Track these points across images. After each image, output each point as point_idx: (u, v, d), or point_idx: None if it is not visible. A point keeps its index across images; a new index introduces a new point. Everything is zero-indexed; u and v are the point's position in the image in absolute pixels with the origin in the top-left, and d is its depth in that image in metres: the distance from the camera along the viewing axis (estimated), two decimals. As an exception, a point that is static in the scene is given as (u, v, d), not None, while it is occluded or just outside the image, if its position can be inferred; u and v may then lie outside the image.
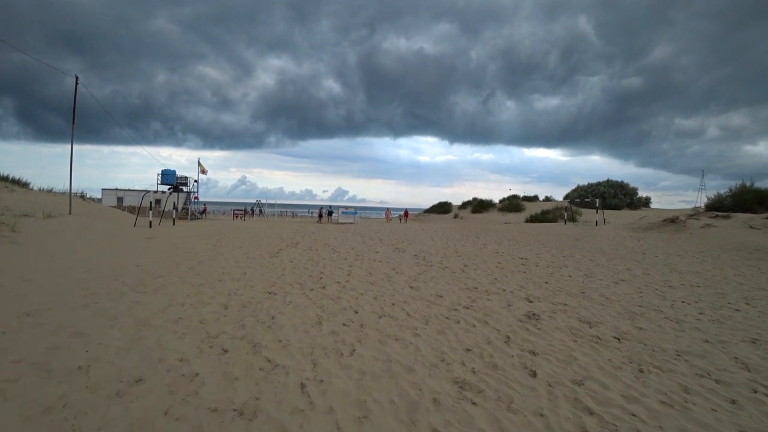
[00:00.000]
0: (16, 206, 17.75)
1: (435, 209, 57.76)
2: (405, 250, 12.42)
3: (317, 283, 7.28)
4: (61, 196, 25.14)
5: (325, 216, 36.84)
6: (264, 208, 44.98)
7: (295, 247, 12.24)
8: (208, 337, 4.28)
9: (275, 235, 16.31)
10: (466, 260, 10.88)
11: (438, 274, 8.63)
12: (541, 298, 6.79)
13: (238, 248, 11.64)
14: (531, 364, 4.00)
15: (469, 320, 5.36)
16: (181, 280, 7.00)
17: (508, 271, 9.35)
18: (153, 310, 5.14)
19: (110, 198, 34.85)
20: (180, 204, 34.67)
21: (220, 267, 8.46)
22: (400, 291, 6.91)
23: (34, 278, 6.71)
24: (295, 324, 4.80)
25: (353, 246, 13.19)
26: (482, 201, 53.11)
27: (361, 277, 7.93)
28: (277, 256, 10.25)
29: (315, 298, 6.18)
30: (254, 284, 6.92)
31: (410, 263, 9.97)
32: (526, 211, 46.65)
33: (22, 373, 3.37)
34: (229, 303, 5.63)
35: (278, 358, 3.81)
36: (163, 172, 35.56)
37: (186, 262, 8.92)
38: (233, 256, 10.11)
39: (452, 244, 14.60)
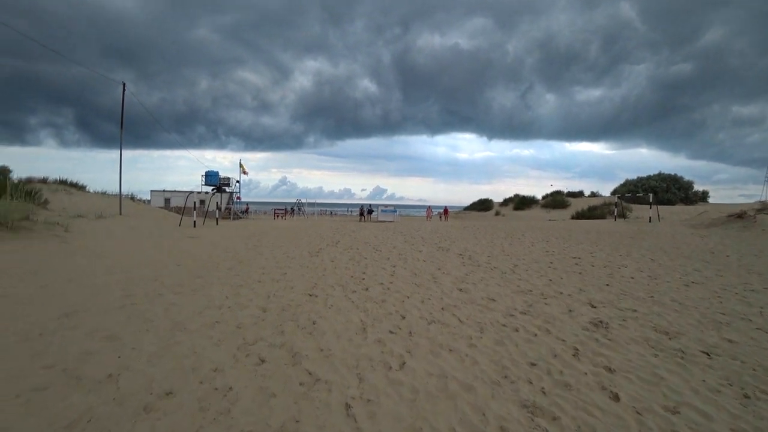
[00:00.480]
0: (72, 207, 18.53)
1: (475, 206, 56.44)
2: (449, 249, 11.85)
3: (360, 284, 6.88)
4: (114, 197, 26.24)
5: (366, 214, 36.67)
6: (304, 208, 45.49)
7: (335, 246, 11.94)
8: (245, 344, 3.94)
9: (315, 234, 16.15)
10: (515, 260, 10.18)
11: (487, 275, 8.03)
12: (605, 303, 6.07)
13: (278, 248, 11.46)
14: (609, 383, 3.39)
15: (529, 328, 4.78)
16: (220, 281, 6.79)
17: (563, 272, 8.61)
18: (189, 313, 4.89)
19: (158, 199, 36.18)
20: (223, 204, 35.52)
21: (259, 267, 8.24)
22: (448, 294, 6.38)
23: (78, 278, 6.69)
24: (337, 330, 4.40)
25: (395, 245, 12.75)
26: (524, 197, 51.34)
27: (406, 278, 7.47)
28: (317, 256, 9.96)
29: (358, 301, 5.76)
30: (294, 285, 6.60)
31: (456, 263, 9.40)
32: (571, 207, 44.68)
33: (51, 381, 3.14)
34: (268, 306, 5.31)
35: (320, 370, 3.40)
36: (206, 173, 36.58)
37: (226, 262, 8.77)
38: (273, 255, 9.91)
39: (498, 243, 13.87)
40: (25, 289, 5.81)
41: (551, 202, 47.37)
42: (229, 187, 37.91)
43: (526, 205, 49.62)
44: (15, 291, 5.65)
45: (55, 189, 23.60)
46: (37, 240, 9.90)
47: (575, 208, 42.40)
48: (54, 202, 19.77)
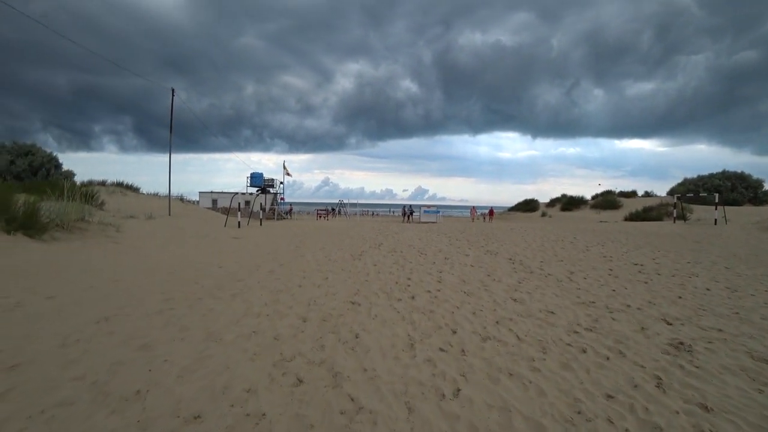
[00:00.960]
0: (126, 208, 19.30)
1: (520, 207, 54.65)
2: (497, 253, 11.19)
3: (405, 291, 6.44)
4: (164, 199, 27.25)
5: (408, 215, 36.22)
6: (346, 208, 45.64)
7: (378, 249, 11.57)
8: (282, 359, 3.59)
9: (357, 236, 15.88)
10: (570, 266, 9.40)
11: (542, 283, 7.37)
12: (683, 320, 5.29)
13: (320, 250, 11.24)
14: (710, 428, 2.77)
15: (599, 349, 4.15)
16: (260, 286, 6.56)
17: (625, 281, 7.79)
18: (226, 321, 4.63)
19: (206, 200, 37.36)
20: (267, 205, 36.16)
21: (300, 270, 7.98)
22: (501, 304, 5.82)
23: (123, 279, 6.67)
24: (382, 346, 3.97)
25: (440, 248, 12.22)
26: (572, 198, 49.05)
27: (454, 285, 6.95)
28: (360, 259, 9.62)
29: (404, 311, 5.32)
30: (336, 292, 6.26)
31: (506, 269, 8.77)
32: (623, 208, 42.17)
33: (78, 396, 2.92)
34: (308, 315, 4.98)
35: (363, 396, 2.99)
36: (251, 175, 37.38)
37: (267, 265, 8.60)
38: (315, 258, 9.66)
39: (549, 246, 13.01)
40: (72, 290, 5.81)
41: (601, 203, 44.96)
42: (273, 189, 38.64)
43: (574, 206, 47.42)
44: (63, 292, 5.64)
45: (112, 191, 24.85)
46: (90, 240, 10.16)
47: (628, 209, 39.99)
48: (110, 203, 20.68)
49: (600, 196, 47.81)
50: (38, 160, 28.28)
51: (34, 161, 28.16)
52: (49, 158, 29.02)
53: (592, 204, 46.36)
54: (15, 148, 27.45)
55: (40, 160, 28.34)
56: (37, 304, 5.07)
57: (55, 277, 6.51)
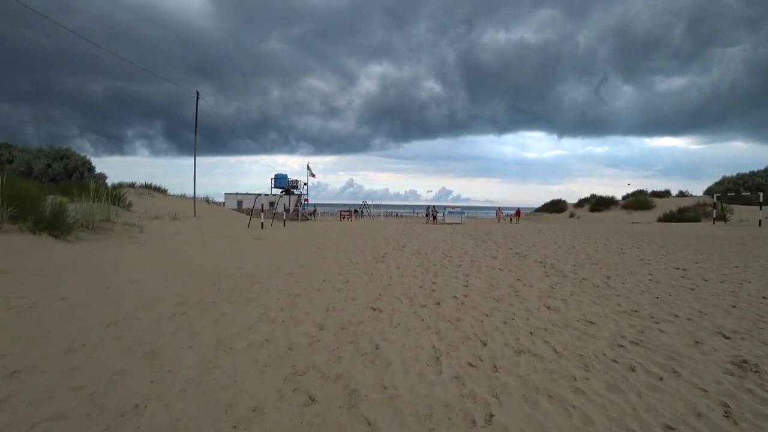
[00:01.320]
0: (153, 209, 19.57)
1: (547, 208, 53.26)
2: (526, 256, 10.64)
3: (430, 296, 6.03)
4: (191, 200, 27.63)
5: (432, 216, 35.70)
6: (370, 209, 45.38)
7: (402, 251, 11.19)
8: (294, 373, 3.27)
9: (380, 237, 15.54)
10: (606, 270, 8.79)
11: (577, 289, 6.84)
12: (742, 333, 4.70)
13: (342, 251, 10.94)
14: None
15: (649, 367, 3.66)
16: (278, 289, 6.29)
17: (668, 287, 7.17)
18: (239, 327, 4.36)
19: (231, 201, 37.82)
20: (291, 206, 36.31)
21: (321, 273, 7.69)
22: (534, 312, 5.35)
23: (140, 280, 6.53)
24: (405, 360, 3.59)
25: (466, 249, 11.74)
26: (602, 198, 47.40)
27: (482, 290, 6.51)
28: (382, 261, 9.26)
29: (429, 318, 4.92)
30: (357, 296, 5.91)
31: (537, 273, 8.24)
32: (656, 208, 40.44)
33: (73, 409, 2.67)
34: (326, 322, 4.64)
35: (382, 420, 2.61)
36: (275, 176, 37.59)
37: (287, 267, 8.35)
38: (336, 260, 9.36)
39: (581, 248, 12.34)
40: (88, 291, 5.69)
41: (633, 203, 43.25)
42: (297, 190, 38.77)
43: (603, 206, 45.85)
44: (78, 293, 5.52)
45: (141, 193, 25.32)
46: (113, 240, 10.17)
47: (661, 209, 38.27)
48: (138, 204, 21.03)
49: (631, 196, 46.11)
50: (72, 164, 29.22)
51: (69, 164, 29.10)
52: (82, 161, 29.97)
53: (622, 204, 44.74)
54: (51, 152, 28.45)
55: (74, 164, 29.28)
56: (52, 306, 4.95)
57: (74, 277, 6.43)
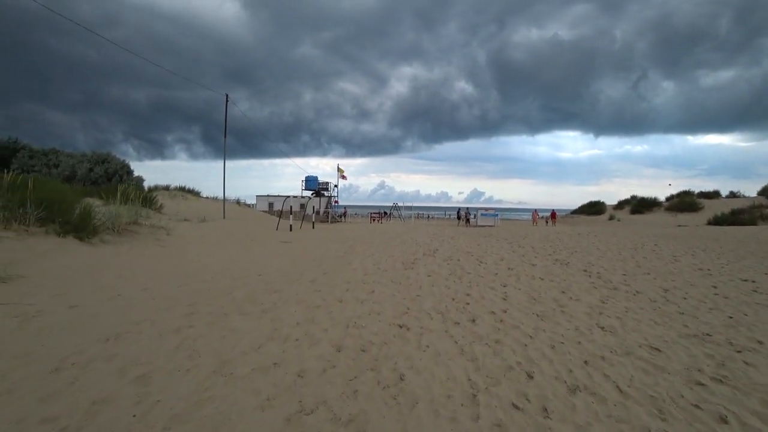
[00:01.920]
0: (185, 212, 19.69)
1: (584, 210, 51.02)
2: (569, 263, 9.75)
3: (463, 311, 5.34)
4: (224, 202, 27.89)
5: (464, 219, 34.71)
6: (401, 211, 44.69)
7: (433, 256, 10.51)
8: (300, 411, 2.70)
9: (411, 241, 14.90)
10: (662, 281, 7.84)
11: (632, 304, 6.00)
12: None
13: (370, 256, 10.38)
14: None
15: (744, 417, 2.86)
16: (297, 299, 5.77)
17: (740, 303, 6.20)
18: (246, 346, 3.84)
19: (263, 203, 38.05)
20: (322, 208, 36.18)
21: (345, 281, 7.14)
22: (586, 334, 4.59)
23: (154, 287, 6.18)
24: (434, 398, 2.94)
25: (501, 255, 10.94)
26: (644, 199, 44.88)
27: (523, 305, 5.77)
28: (412, 268, 8.62)
29: (463, 340, 4.25)
30: (382, 310, 5.30)
31: (584, 284, 7.41)
32: (704, 210, 37.93)
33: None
34: (345, 342, 4.06)
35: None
36: (306, 178, 37.59)
37: (310, 273, 7.86)
38: (362, 266, 8.80)
39: (628, 255, 11.30)
40: (98, 298, 5.36)
41: (678, 205, 40.72)
42: (328, 192, 38.65)
43: (645, 208, 43.43)
44: (87, 301, 5.20)
45: (174, 195, 25.68)
46: (138, 243, 10.00)
47: (710, 211, 35.82)
48: (170, 206, 21.24)
49: (676, 197, 43.52)
50: (113, 168, 30.21)
51: (109, 168, 30.10)
52: (121, 165, 30.95)
53: (666, 206, 42.26)
54: (93, 156, 29.51)
55: (114, 167, 30.26)
56: (57, 314, 4.62)
57: (89, 282, 6.15)
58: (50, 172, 27.28)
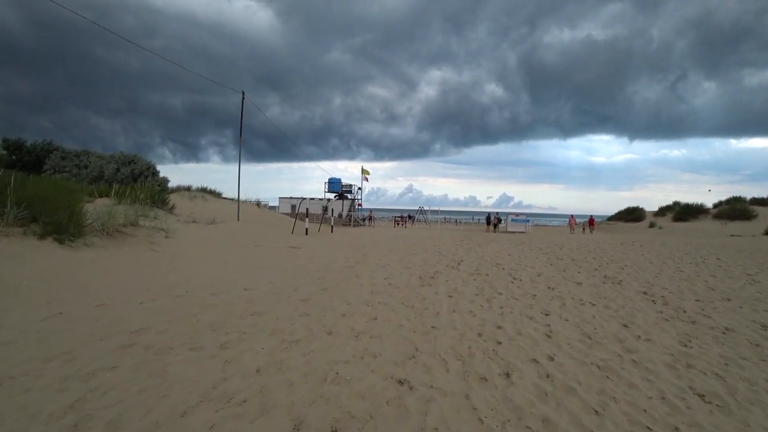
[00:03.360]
0: (199, 212, 18.92)
1: (622, 216, 47.99)
2: (621, 281, 8.09)
3: (493, 357, 3.84)
4: (244, 204, 27.15)
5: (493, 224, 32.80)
6: (427, 215, 42.93)
7: (456, 269, 9.04)
8: None
9: (433, 248, 13.43)
10: (751, 311, 6.13)
11: (728, 351, 4.39)
12: None
13: (383, 267, 9.01)
14: None
15: None
16: (273, 328, 4.48)
17: None
18: (164, 412, 2.56)
19: (285, 205, 37.24)
20: (345, 211, 35.08)
21: (344, 302, 5.80)
22: (682, 411, 3.02)
23: (111, 303, 5.02)
24: None
25: (538, 269, 9.33)
26: (688, 206, 41.44)
27: (575, 347, 4.24)
28: (430, 285, 7.19)
29: (492, 413, 2.78)
30: (380, 351, 3.90)
31: (648, 313, 5.80)
32: (759, 218, 34.68)
33: None
34: (309, 415, 2.65)
35: None
36: (329, 180, 36.55)
37: (306, 288, 6.58)
38: (371, 281, 7.44)
39: (691, 273, 9.50)
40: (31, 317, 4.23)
41: (728, 212, 37.30)
42: (351, 194, 37.52)
43: (690, 215, 40.08)
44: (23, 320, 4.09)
45: (194, 196, 25.05)
46: (127, 247, 9.00)
47: (766, 219, 32.71)
48: (187, 207, 20.55)
49: (725, 204, 39.99)
50: (138, 168, 30.18)
51: (135, 169, 30.08)
52: (147, 166, 30.90)
53: (714, 213, 38.92)
54: (121, 157, 29.56)
55: (140, 168, 30.22)
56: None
57: (37, 295, 5.06)
58: (80, 173, 27.39)
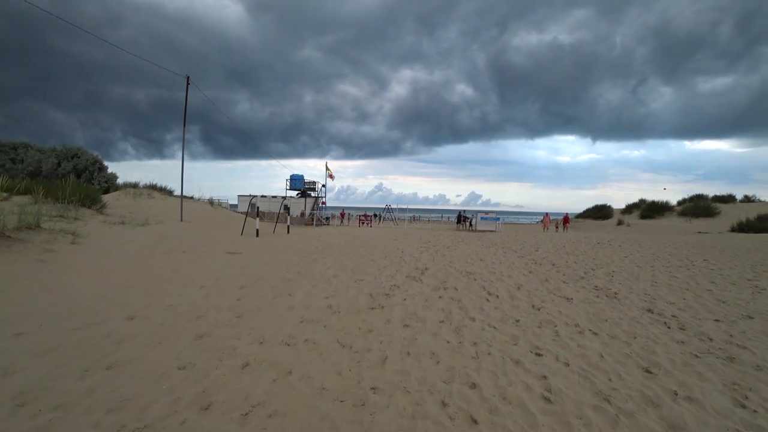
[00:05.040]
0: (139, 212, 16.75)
1: (590, 214, 48.09)
2: (617, 294, 6.70)
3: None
4: (195, 202, 24.79)
5: (464, 222, 31.53)
6: (394, 214, 41.12)
7: (419, 280, 7.43)
8: None
9: (395, 252, 11.81)
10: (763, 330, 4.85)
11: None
12: None
13: (327, 280, 7.29)
14: None
15: None
16: (122, 398, 2.76)
17: None
18: None
19: (244, 204, 34.84)
20: (308, 210, 33.04)
21: (256, 339, 4.08)
22: None
23: None
24: None
25: (516, 279, 7.82)
26: (654, 203, 41.78)
27: (591, 421, 2.74)
28: (382, 307, 5.53)
29: None
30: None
31: (667, 344, 4.37)
32: (722, 216, 35.04)
33: None
34: None
35: None
36: (291, 177, 34.35)
37: (213, 316, 4.82)
38: (306, 301, 5.73)
39: (689, 280, 8.27)
40: None
41: (692, 209, 37.62)
42: (315, 192, 35.44)
43: (656, 213, 40.34)
44: None
45: (140, 193, 22.53)
46: (12, 255, 6.98)
47: (729, 216, 33.03)
48: (125, 206, 18.29)
49: (689, 202, 40.52)
50: (82, 163, 27.42)
51: (79, 164, 27.32)
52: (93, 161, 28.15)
53: (679, 211, 39.24)
54: (63, 151, 26.75)
55: (84, 163, 27.46)
56: None
57: None
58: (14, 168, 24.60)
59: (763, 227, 27.19)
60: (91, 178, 27.89)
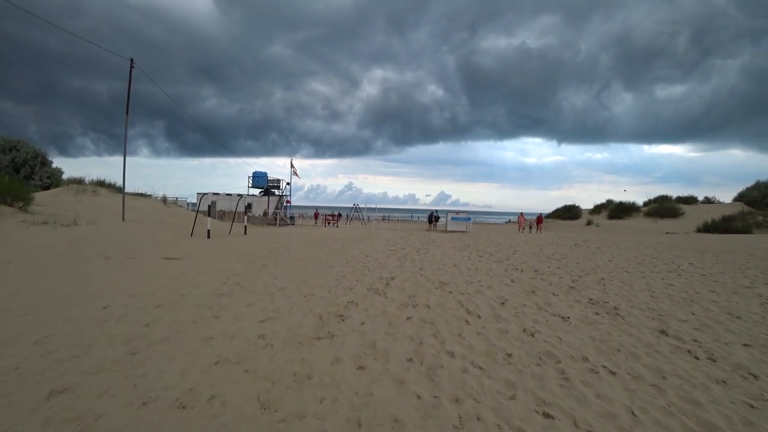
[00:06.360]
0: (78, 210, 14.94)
1: (560, 214, 48.34)
2: (619, 311, 5.67)
3: None
4: (146, 200, 22.77)
5: (434, 222, 30.57)
6: (362, 213, 39.52)
7: (383, 294, 6.19)
8: None
9: (359, 257, 10.56)
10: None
11: None
12: None
13: (270, 295, 5.92)
14: None
15: None
16: None
17: None
18: None
19: (204, 202, 32.81)
20: (271, 209, 31.32)
21: (140, 396, 2.75)
22: None
23: None
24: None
25: (499, 292, 6.68)
26: (622, 204, 42.43)
27: None
28: (332, 336, 4.24)
29: None
30: None
31: (708, 388, 3.31)
32: (685, 216, 35.69)
33: None
34: None
35: None
36: (254, 174, 32.40)
37: (96, 354, 3.46)
38: (235, 327, 4.41)
39: (688, 288, 7.42)
40: None
41: (658, 210, 38.28)
42: (279, 190, 33.68)
43: (624, 213, 40.87)
44: None
45: (83, 190, 20.35)
46: None
47: (693, 217, 33.68)
48: (62, 204, 16.42)
49: (654, 203, 41.40)
50: (21, 156, 24.92)
51: (17, 157, 24.84)
52: (34, 155, 25.67)
53: (645, 211, 39.85)
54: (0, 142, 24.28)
55: (24, 156, 24.96)
56: None
57: None
58: (-55, 160, 22.14)
59: (728, 228, 27.59)
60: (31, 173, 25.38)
